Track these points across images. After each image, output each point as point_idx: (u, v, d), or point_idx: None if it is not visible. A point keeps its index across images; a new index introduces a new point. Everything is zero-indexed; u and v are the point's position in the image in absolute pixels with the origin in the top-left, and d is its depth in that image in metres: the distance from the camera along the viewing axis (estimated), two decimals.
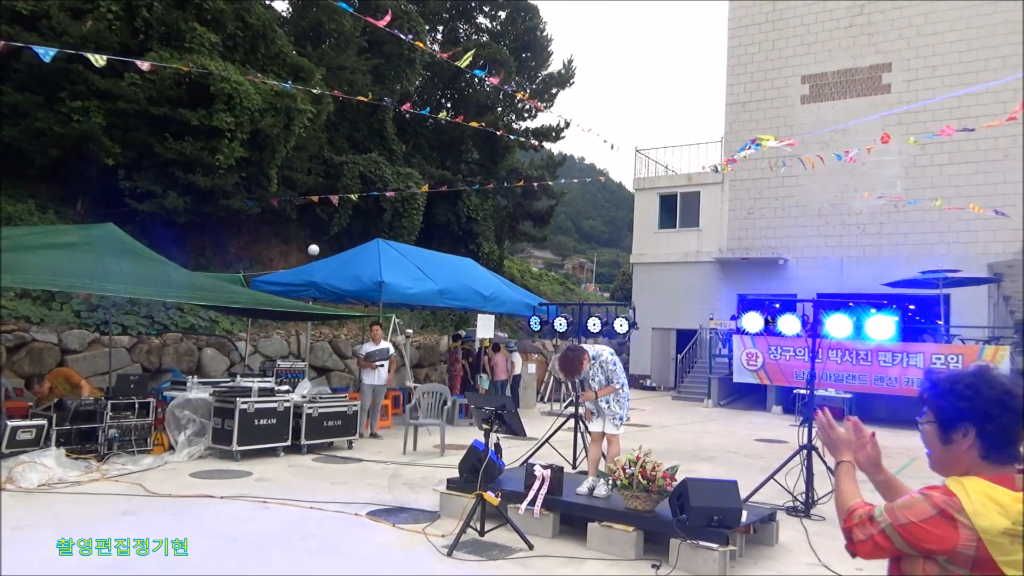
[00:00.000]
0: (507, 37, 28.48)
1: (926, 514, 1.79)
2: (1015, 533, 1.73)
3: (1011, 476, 1.80)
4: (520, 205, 27.80)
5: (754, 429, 14.94)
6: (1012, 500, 1.76)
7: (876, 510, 1.90)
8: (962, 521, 1.75)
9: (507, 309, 14.43)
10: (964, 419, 1.86)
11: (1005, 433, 1.82)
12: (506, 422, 6.25)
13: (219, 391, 9.51)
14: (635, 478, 5.76)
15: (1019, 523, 1.74)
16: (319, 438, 9.96)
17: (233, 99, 14.31)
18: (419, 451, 10.34)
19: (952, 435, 1.89)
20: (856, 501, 1.99)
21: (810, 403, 7.74)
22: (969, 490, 1.79)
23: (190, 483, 7.68)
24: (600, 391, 6.71)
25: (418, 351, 17.69)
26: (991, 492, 1.77)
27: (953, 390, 1.90)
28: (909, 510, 1.82)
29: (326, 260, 13.51)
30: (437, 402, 10.90)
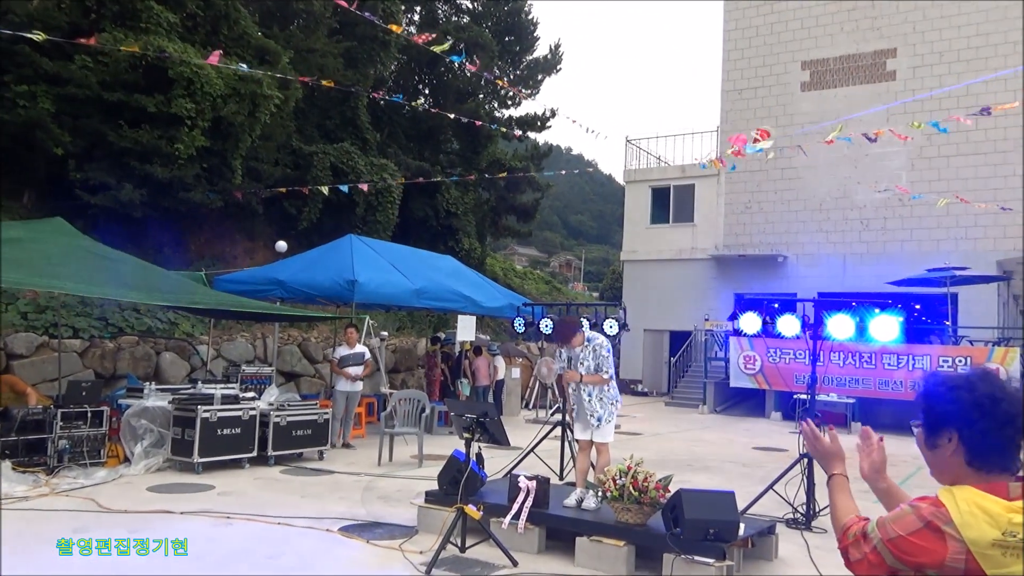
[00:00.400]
0: (489, 19, 28.50)
1: (913, 526, 1.80)
2: (1005, 544, 1.74)
3: (1004, 484, 1.82)
4: (503, 199, 27.81)
5: (752, 437, 15.03)
6: (1003, 510, 1.78)
7: (869, 525, 1.92)
8: (950, 533, 1.76)
9: (489, 310, 14.42)
10: (947, 424, 1.89)
11: (985, 440, 1.83)
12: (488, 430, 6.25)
13: (179, 399, 9.44)
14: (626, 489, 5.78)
15: (1010, 533, 1.75)
16: (287, 449, 9.91)
17: (193, 84, 14.20)
18: (395, 462, 10.32)
19: (936, 440, 1.92)
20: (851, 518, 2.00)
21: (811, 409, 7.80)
22: (958, 500, 1.80)
23: (147, 498, 7.61)
24: (586, 377, 6.71)
25: (394, 355, 17.64)
26: (981, 501, 1.79)
27: (936, 392, 1.93)
28: (897, 523, 1.84)
29: (295, 257, 13.45)
30: (414, 409, 10.89)
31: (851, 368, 17.11)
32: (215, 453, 9.09)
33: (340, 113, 21.82)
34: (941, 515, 1.79)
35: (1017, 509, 1.78)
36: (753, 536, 5.99)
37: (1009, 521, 1.76)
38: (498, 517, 6.27)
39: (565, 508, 6.39)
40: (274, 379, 12.98)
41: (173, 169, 14.60)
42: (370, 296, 11.83)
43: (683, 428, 16.19)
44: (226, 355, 14.13)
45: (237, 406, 9.44)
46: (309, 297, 12.76)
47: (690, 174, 24.73)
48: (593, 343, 6.72)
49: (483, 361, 16.24)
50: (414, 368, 18.26)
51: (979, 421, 1.84)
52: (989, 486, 1.82)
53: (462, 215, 23.92)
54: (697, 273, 24.33)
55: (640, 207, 26.03)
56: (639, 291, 24.99)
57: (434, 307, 14.32)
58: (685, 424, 16.97)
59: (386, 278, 12.15)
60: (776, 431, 16.06)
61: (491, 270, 27.10)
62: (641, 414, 18.81)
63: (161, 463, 9.08)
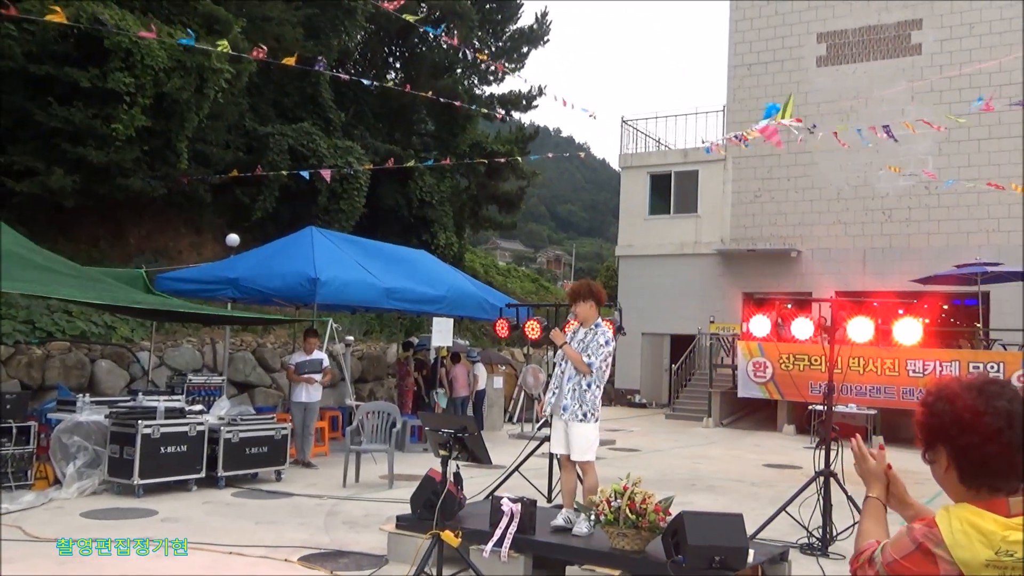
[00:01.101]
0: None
1: (906, 549, 1.86)
2: (1000, 565, 1.79)
3: (1005, 501, 1.86)
4: (484, 186, 27.82)
5: (762, 453, 15.12)
6: (998, 528, 1.82)
7: (877, 549, 1.97)
8: (940, 555, 1.81)
9: (468, 311, 14.39)
10: (936, 439, 1.94)
11: (969, 456, 1.87)
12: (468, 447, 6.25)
13: (117, 412, 9.37)
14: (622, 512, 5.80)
15: (1005, 553, 1.79)
16: (240, 468, 9.87)
17: (132, 55, 14.09)
18: (362, 483, 10.29)
19: (928, 454, 1.97)
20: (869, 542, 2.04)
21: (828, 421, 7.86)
22: (952, 519, 1.85)
23: (82, 525, 7.55)
24: (569, 349, 6.64)
25: (361, 362, 17.60)
26: (976, 520, 1.83)
27: (924, 403, 1.98)
28: (895, 546, 1.90)
29: (248, 253, 13.38)
30: (384, 424, 10.87)
31: (872, 376, 17.25)
32: (158, 474, 9.02)
33: (299, 89, 21.73)
34: (933, 536, 1.83)
35: (1015, 526, 1.82)
36: (764, 563, 6.02)
37: (1004, 539, 1.80)
38: (479, 544, 6.27)
39: (552, 531, 6.40)
40: (225, 390, 12.91)
41: (110, 152, 14.48)
42: (334, 296, 11.78)
43: (685, 443, 16.25)
44: (170, 363, 14.04)
45: (183, 421, 9.38)
46: (264, 297, 12.70)
47: (693, 159, 24.84)
48: (599, 328, 6.67)
49: (461, 369, 16.21)
50: (383, 377, 18.22)
51: (960, 436, 1.88)
52: (989, 504, 1.86)
53: (438, 205, 23.89)
54: (701, 270, 24.44)
55: (637, 196, 26.11)
56: (636, 290, 25.06)
57: (406, 309, 14.27)
58: (688, 439, 17.04)
59: (352, 276, 12.11)
60: (789, 446, 16.16)
61: (470, 267, 27.08)
62: (639, 428, 18.86)
63: (97, 486, 9.00)
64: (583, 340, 6.64)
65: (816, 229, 23.13)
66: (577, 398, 6.59)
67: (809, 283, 22.32)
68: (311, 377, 11.50)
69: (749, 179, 24.15)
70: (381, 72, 26.82)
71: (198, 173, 17.24)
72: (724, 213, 24.51)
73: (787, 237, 23.45)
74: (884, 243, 22.33)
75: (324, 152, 19.66)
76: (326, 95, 21.84)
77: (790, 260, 23.25)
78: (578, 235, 75.96)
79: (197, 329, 15.24)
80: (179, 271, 13.22)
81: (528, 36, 29.48)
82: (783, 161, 23.42)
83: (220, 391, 12.52)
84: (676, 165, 25.53)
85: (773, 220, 23.76)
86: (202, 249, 18.74)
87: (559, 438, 6.74)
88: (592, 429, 6.64)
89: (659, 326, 24.85)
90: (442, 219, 24.09)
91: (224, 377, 13.48)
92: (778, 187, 23.72)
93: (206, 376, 13.10)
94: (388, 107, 25.27)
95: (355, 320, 18.75)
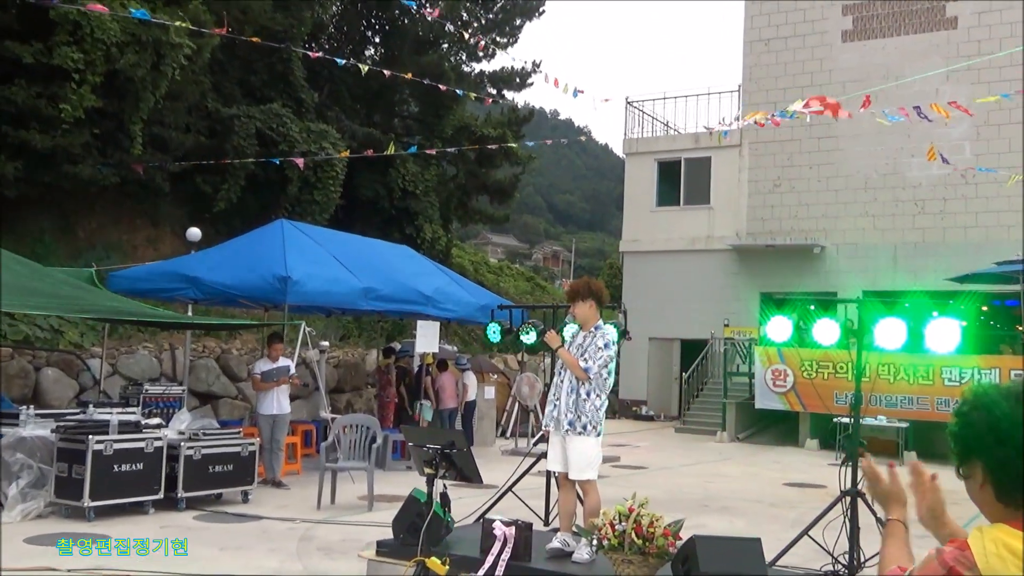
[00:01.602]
0: None
1: (935, 574, 1.86)
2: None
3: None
4: (473, 174, 27.81)
5: (782, 470, 15.16)
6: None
7: None
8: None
9: (456, 313, 14.39)
10: (970, 451, 1.94)
11: (1005, 472, 1.87)
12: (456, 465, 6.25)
13: (65, 426, 9.34)
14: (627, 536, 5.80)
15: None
16: (203, 489, 9.86)
17: (81, 28, 14.04)
18: (339, 504, 10.29)
19: (963, 469, 1.97)
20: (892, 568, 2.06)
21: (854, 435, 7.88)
22: (986, 541, 1.85)
23: (25, 552, 7.52)
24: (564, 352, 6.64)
25: (337, 370, 17.58)
26: (1010, 541, 1.83)
27: (959, 412, 1.98)
28: (922, 571, 1.90)
29: (211, 249, 13.37)
30: (363, 439, 10.87)
31: (904, 384, 17.30)
32: (111, 495, 8.99)
33: (268, 67, 21.68)
34: (965, 560, 1.83)
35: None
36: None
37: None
38: (469, 572, 6.27)
39: (549, 558, 6.41)
40: (185, 401, 12.89)
41: (56, 136, 14.43)
42: (307, 297, 11.77)
43: (697, 460, 16.27)
44: (124, 371, 14.01)
45: (138, 436, 9.35)
46: (229, 298, 12.69)
47: (705, 144, 24.87)
48: (600, 330, 6.66)
49: (449, 378, 16.21)
50: (362, 387, 18.20)
51: (997, 448, 1.88)
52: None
53: (422, 195, 23.87)
54: (714, 268, 24.48)
55: (643, 185, 26.14)
56: (642, 290, 25.09)
57: (387, 311, 14.26)
58: (700, 455, 17.07)
59: (327, 274, 12.10)
60: (812, 463, 16.19)
61: (458, 264, 27.08)
62: (646, 443, 18.88)
63: (42, 508, 8.96)
64: (582, 344, 6.63)
65: (842, 222, 23.17)
66: (576, 409, 6.58)
67: (834, 281, 22.35)
68: (283, 379, 11.47)
69: (767, 166, 24.19)
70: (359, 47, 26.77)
71: (155, 159, 17.18)
72: (740, 204, 24.55)
73: (809, 231, 23.50)
74: (916, 237, 22.40)
75: (295, 136, 19.63)
76: (298, 73, 21.80)
77: (813, 256, 23.30)
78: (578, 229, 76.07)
79: (154, 334, 15.20)
80: (134, 269, 13.19)
81: (522, 7, 29.47)
82: (805, 147, 23.47)
83: (180, 403, 12.49)
84: (686, 151, 25.56)
85: (794, 212, 23.81)
86: (159, 244, 18.68)
87: (557, 454, 6.74)
88: (593, 444, 6.63)
89: (668, 330, 24.88)
90: (427, 211, 24.07)
91: (184, 387, 13.45)
92: (800, 175, 23.77)
93: (164, 386, 13.08)
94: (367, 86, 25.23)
95: (330, 324, 18.73)
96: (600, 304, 6.72)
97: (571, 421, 6.57)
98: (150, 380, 13.73)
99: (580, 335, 6.71)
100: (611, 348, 6.60)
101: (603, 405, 6.72)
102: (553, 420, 6.73)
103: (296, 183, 19.56)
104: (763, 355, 18.87)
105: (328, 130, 20.78)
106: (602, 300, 6.74)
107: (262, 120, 19.49)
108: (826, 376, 18.11)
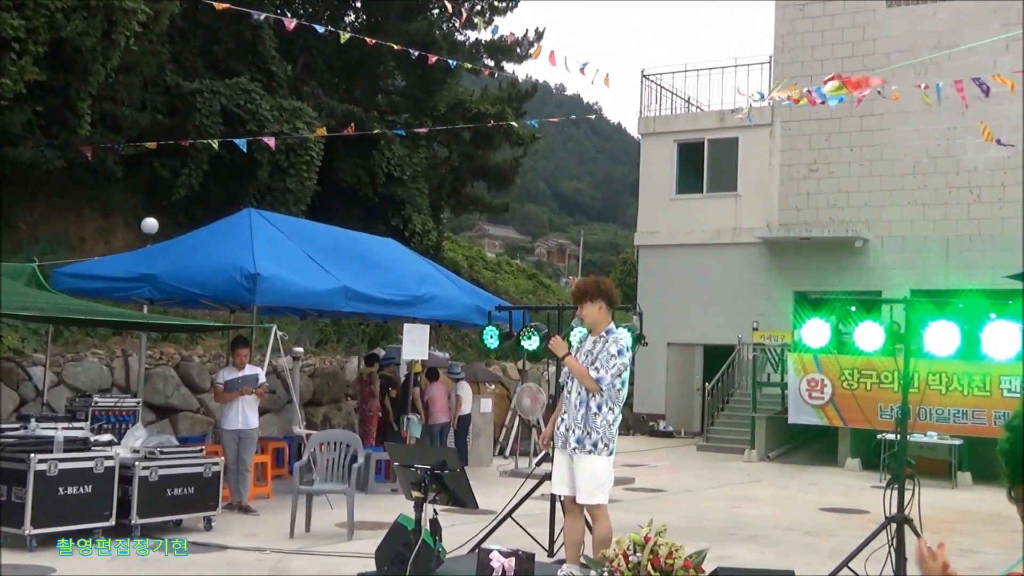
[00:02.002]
0: None
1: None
2: None
3: None
4: (468, 157, 27.78)
5: (819, 493, 15.15)
6: None
7: None
8: None
9: (449, 315, 14.36)
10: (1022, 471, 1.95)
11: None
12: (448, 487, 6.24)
13: (3, 443, 9.32)
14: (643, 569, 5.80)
15: None
16: (160, 514, 9.83)
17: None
18: (315, 533, 10.27)
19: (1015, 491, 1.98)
20: None
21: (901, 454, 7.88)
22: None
23: None
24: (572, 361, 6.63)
25: (313, 380, 17.57)
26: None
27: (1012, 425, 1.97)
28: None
29: (170, 242, 13.35)
30: (342, 458, 10.86)
31: (958, 396, 17.28)
32: (56, 521, 8.94)
33: (235, 35, 21.67)
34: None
35: None
36: None
37: None
38: None
39: None
40: (140, 415, 12.87)
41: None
42: (278, 296, 11.75)
43: (723, 482, 16.27)
44: (71, 381, 13.99)
45: (87, 454, 9.33)
46: (190, 299, 12.66)
47: (732, 123, 24.84)
48: (612, 335, 6.66)
49: (440, 389, 16.19)
50: (341, 399, 18.19)
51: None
52: None
53: (410, 181, 23.85)
54: (742, 263, 24.48)
55: (662, 170, 26.12)
56: (660, 289, 25.08)
57: (370, 312, 14.24)
58: (725, 476, 17.06)
59: (301, 271, 12.08)
60: (853, 485, 16.19)
61: (451, 259, 27.07)
62: (665, 462, 18.87)
63: None
64: (591, 351, 6.64)
65: (887, 211, 23.16)
66: (585, 424, 6.58)
67: (878, 279, 22.35)
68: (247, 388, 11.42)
69: (802, 148, 24.17)
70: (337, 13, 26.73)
71: (105, 140, 17.16)
72: (771, 192, 24.54)
73: (850, 221, 23.49)
74: (972, 229, 22.39)
75: (266, 114, 19.60)
76: (268, 43, 21.76)
77: (854, 251, 23.29)
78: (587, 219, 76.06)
79: (105, 338, 15.18)
80: (82, 264, 13.16)
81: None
82: (845, 125, 23.45)
83: (134, 417, 12.46)
84: (710, 131, 25.56)
85: (832, 200, 23.80)
86: (111, 237, 18.66)
87: (562, 475, 6.74)
88: (604, 464, 6.63)
89: (689, 334, 24.88)
90: (415, 199, 24.05)
91: (139, 399, 13.43)
92: (839, 158, 23.75)
93: (116, 398, 13.05)
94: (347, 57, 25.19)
95: (305, 327, 18.71)
96: (611, 305, 6.73)
97: (579, 438, 6.57)
98: (100, 391, 13.71)
99: (589, 341, 6.72)
100: (624, 355, 6.61)
101: (616, 420, 6.72)
102: (559, 437, 6.73)
103: (266, 167, 19.54)
104: (797, 363, 18.86)
105: (303, 107, 20.74)
106: (614, 301, 6.75)
107: (228, 96, 19.46)
108: (869, 387, 18.10)
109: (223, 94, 19.43)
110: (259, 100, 19.82)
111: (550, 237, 74.46)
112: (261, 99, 19.90)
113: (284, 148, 19.53)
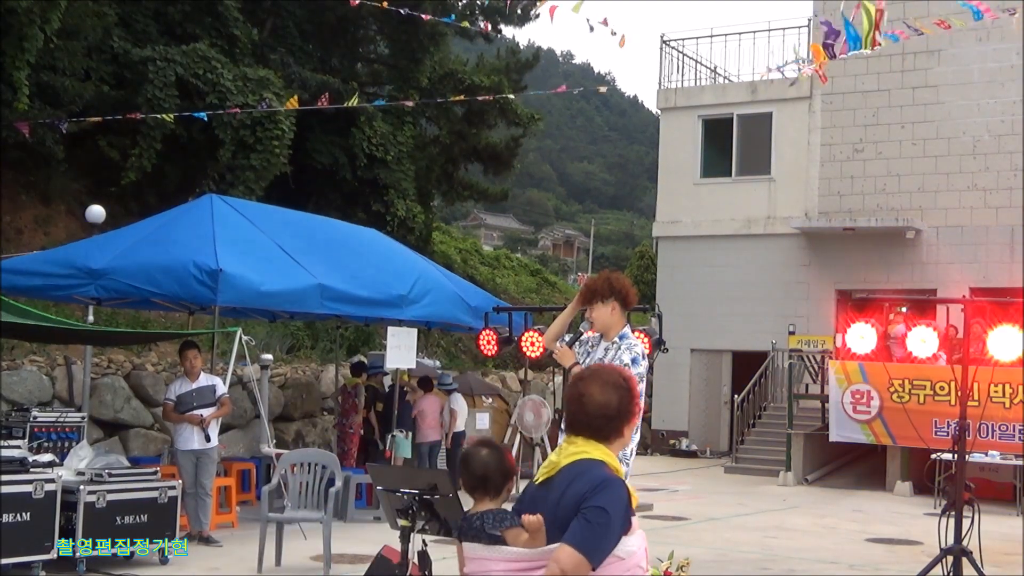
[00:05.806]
0: None
1: None
2: None
3: None
4: (461, 136, 27.81)
5: (865, 522, 15.16)
6: None
7: None
8: None
9: (439, 317, 14.37)
10: None
11: None
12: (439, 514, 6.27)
13: None
14: None
15: None
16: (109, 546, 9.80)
17: None
18: (286, 566, 10.29)
19: None
20: None
21: (959, 476, 7.90)
22: None
23: None
24: None
25: (284, 392, 17.58)
26: None
27: None
28: None
29: (118, 232, 13.36)
30: (317, 481, 10.88)
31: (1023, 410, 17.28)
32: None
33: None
34: None
35: None
36: None
37: None
38: None
39: None
40: (86, 432, 12.87)
41: None
42: (244, 296, 11.76)
43: (754, 509, 16.28)
44: (6, 393, 13.99)
45: (24, 477, 9.33)
46: (142, 297, 12.66)
47: (765, 96, 24.85)
48: (625, 340, 6.70)
49: (431, 402, 16.19)
50: (316, 413, 18.20)
51: None
52: None
53: (394, 163, 23.85)
54: (776, 257, 24.48)
55: (685, 151, 26.11)
56: (682, 287, 25.09)
57: (349, 314, 14.24)
58: (757, 502, 17.07)
59: (270, 266, 12.09)
60: (904, 512, 16.20)
61: (442, 252, 27.10)
62: (687, 486, 18.88)
63: None
64: (602, 360, 6.66)
65: (943, 198, 23.15)
66: None
67: (933, 276, 22.36)
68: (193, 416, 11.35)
69: (846, 125, 24.14)
70: None
71: (44, 115, 17.16)
72: (810, 175, 24.52)
73: (901, 209, 23.48)
74: None
75: (228, 85, 19.59)
76: (231, 3, 21.78)
77: (905, 243, 23.28)
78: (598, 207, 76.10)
79: (44, 345, 15.19)
80: (17, 259, 13.16)
81: None
82: (895, 99, 23.43)
83: (78, 434, 12.46)
84: (740, 105, 25.54)
85: (880, 185, 23.79)
86: (51, 227, 18.68)
87: None
88: None
89: (715, 339, 24.89)
90: (400, 183, 24.04)
91: (84, 414, 13.42)
92: (888, 136, 23.73)
93: (58, 412, 13.05)
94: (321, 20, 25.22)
95: (275, 331, 18.73)
96: (626, 306, 6.74)
97: None
98: (39, 404, 13.73)
99: (600, 347, 6.73)
100: (640, 364, 6.63)
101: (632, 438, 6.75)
102: None
103: (229, 146, 19.52)
104: (840, 372, 18.85)
105: (270, 77, 20.73)
106: (629, 301, 6.76)
107: (184, 64, 19.45)
108: (922, 399, 18.09)
109: (179, 62, 19.41)
110: (220, 69, 19.80)
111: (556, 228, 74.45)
112: (222, 68, 19.88)
113: (249, 123, 19.50)
